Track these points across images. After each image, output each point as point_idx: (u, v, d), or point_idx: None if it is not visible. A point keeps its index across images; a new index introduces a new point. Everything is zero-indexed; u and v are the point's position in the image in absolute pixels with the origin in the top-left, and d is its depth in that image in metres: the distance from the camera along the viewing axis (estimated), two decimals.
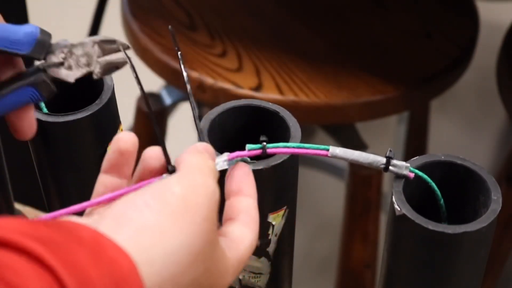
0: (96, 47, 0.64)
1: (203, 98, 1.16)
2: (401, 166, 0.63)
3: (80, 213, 0.55)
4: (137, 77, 0.62)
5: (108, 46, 0.65)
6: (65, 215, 0.53)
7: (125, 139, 0.57)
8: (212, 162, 0.56)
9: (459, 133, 2.01)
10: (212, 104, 1.04)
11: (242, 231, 0.55)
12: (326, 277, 1.63)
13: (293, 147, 0.63)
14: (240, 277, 0.71)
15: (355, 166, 1.25)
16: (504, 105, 1.22)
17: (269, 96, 1.12)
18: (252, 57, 1.19)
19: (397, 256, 0.66)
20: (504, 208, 0.62)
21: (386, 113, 1.18)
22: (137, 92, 1.35)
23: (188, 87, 0.64)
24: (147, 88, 1.45)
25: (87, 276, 0.44)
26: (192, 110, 0.61)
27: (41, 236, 0.44)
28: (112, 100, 0.70)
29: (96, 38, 0.64)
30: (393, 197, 0.62)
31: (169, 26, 0.61)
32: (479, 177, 0.64)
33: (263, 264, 0.70)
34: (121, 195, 0.54)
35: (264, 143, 0.62)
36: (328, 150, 0.63)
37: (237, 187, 0.57)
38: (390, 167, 0.63)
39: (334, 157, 0.64)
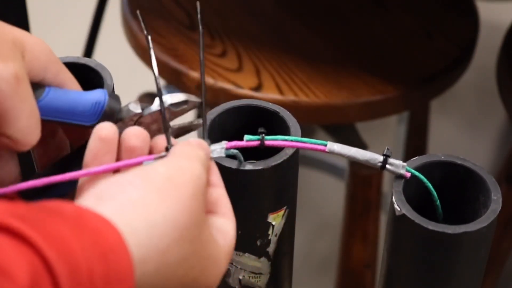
0: (167, 112, 0.60)
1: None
2: (398, 165, 0.64)
3: None
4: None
5: (179, 109, 0.61)
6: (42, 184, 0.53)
7: (104, 126, 0.55)
8: (202, 152, 0.56)
9: (459, 133, 2.01)
10: (212, 104, 1.04)
11: (224, 222, 0.55)
12: (326, 277, 1.63)
13: (291, 141, 0.63)
14: (240, 277, 0.71)
15: (355, 166, 1.25)
16: (504, 105, 1.22)
17: (269, 96, 1.12)
18: (252, 57, 1.19)
19: (397, 256, 0.66)
20: (504, 208, 0.63)
21: (386, 113, 1.18)
22: (137, 92, 1.35)
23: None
24: (147, 88, 1.45)
25: (69, 248, 0.43)
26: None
27: (20, 213, 0.44)
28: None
29: (166, 101, 0.60)
30: (393, 197, 0.62)
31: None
32: (479, 177, 0.64)
33: (263, 264, 0.70)
34: (110, 169, 0.53)
35: (263, 135, 0.62)
36: (326, 145, 0.63)
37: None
38: (387, 166, 0.63)
39: (332, 152, 0.64)
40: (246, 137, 0.63)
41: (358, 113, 1.15)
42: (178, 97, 0.60)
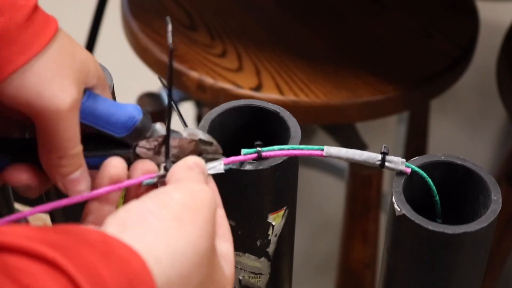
0: (192, 144, 0.62)
1: (203, 98, 1.16)
2: (397, 161, 0.64)
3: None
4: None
5: (204, 147, 0.62)
6: (47, 210, 0.55)
7: (115, 164, 0.58)
8: (202, 175, 0.57)
9: (459, 133, 2.01)
10: (212, 104, 1.04)
11: (225, 246, 0.57)
12: (326, 277, 1.63)
13: (288, 149, 0.63)
14: (240, 277, 0.71)
15: (355, 166, 1.25)
16: (504, 105, 1.22)
17: (269, 96, 1.12)
18: (252, 57, 1.19)
19: (397, 257, 0.66)
20: (504, 208, 0.63)
21: (386, 113, 1.18)
22: (137, 92, 1.35)
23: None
24: (147, 88, 1.45)
25: (99, 276, 0.44)
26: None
27: (50, 240, 0.45)
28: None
29: (196, 135, 0.62)
30: (393, 197, 0.62)
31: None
32: (479, 177, 0.64)
33: (263, 264, 0.70)
34: (113, 190, 0.56)
35: (259, 148, 0.63)
36: (323, 150, 0.64)
37: None
38: (386, 163, 0.64)
39: (329, 156, 0.64)
40: (243, 151, 0.63)
41: (358, 113, 1.15)
42: (207, 136, 0.62)
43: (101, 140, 0.61)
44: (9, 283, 0.42)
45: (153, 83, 1.56)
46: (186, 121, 0.66)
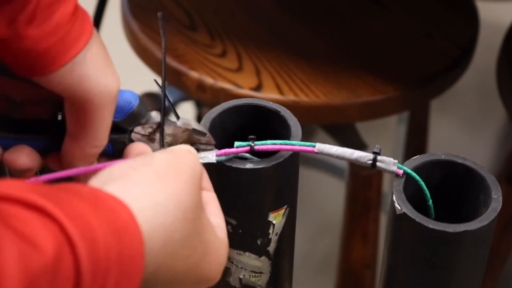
0: (186, 133, 0.64)
1: (203, 98, 1.16)
2: (389, 162, 0.64)
3: None
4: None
5: (197, 136, 0.64)
6: (51, 178, 0.56)
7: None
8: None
9: (459, 133, 2.01)
10: (212, 104, 1.04)
11: (217, 220, 0.58)
12: (326, 277, 1.63)
13: (280, 144, 0.64)
14: (241, 276, 0.71)
15: (355, 166, 1.25)
16: (504, 105, 1.22)
17: (269, 96, 1.12)
18: (252, 57, 1.19)
19: (398, 255, 0.66)
20: (504, 207, 0.63)
21: (386, 113, 1.18)
22: (137, 92, 1.35)
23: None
24: (147, 88, 1.45)
25: (88, 224, 0.46)
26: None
27: (44, 192, 0.46)
28: None
29: (190, 124, 0.64)
30: (394, 196, 0.62)
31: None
32: (479, 176, 0.64)
33: (263, 263, 0.70)
34: (105, 166, 0.56)
35: (252, 141, 0.63)
36: (314, 146, 0.64)
37: None
38: (378, 163, 0.64)
39: (321, 153, 0.64)
40: (236, 143, 0.63)
41: (358, 113, 1.15)
42: (202, 128, 0.64)
43: None
44: (2, 227, 0.43)
45: (153, 83, 1.56)
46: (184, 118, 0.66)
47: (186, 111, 1.66)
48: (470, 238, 0.61)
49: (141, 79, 1.65)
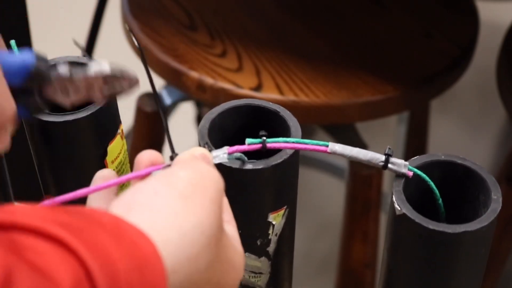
0: (100, 80, 0.60)
1: (203, 98, 1.16)
2: (400, 164, 0.64)
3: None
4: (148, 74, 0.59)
5: (115, 82, 0.60)
6: (67, 200, 0.53)
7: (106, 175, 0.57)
8: (209, 162, 0.57)
9: (459, 133, 2.01)
10: (212, 104, 1.04)
11: (231, 229, 0.56)
12: (326, 277, 1.63)
13: (293, 142, 0.63)
14: None
15: (355, 166, 1.25)
16: (504, 105, 1.22)
17: (269, 96, 1.12)
18: (252, 57, 1.19)
19: (397, 256, 0.66)
20: (504, 208, 0.63)
21: (386, 113, 1.18)
22: (137, 92, 1.35)
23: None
24: (147, 88, 1.45)
25: (109, 258, 0.44)
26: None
27: (62, 221, 0.44)
28: (112, 100, 0.70)
29: (103, 70, 0.59)
30: (393, 196, 0.62)
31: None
32: (479, 176, 0.64)
33: (263, 264, 0.70)
34: (122, 181, 0.55)
35: (264, 138, 0.62)
36: (327, 146, 0.64)
37: None
38: (389, 165, 0.63)
39: (334, 153, 0.64)
40: (248, 140, 0.63)
41: (358, 113, 1.15)
42: (119, 71, 0.59)
43: None
44: (16, 260, 0.41)
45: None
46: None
47: (186, 111, 1.66)
48: (470, 238, 0.61)
49: (141, 79, 1.66)
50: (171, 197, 0.50)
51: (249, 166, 0.63)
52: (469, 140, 1.99)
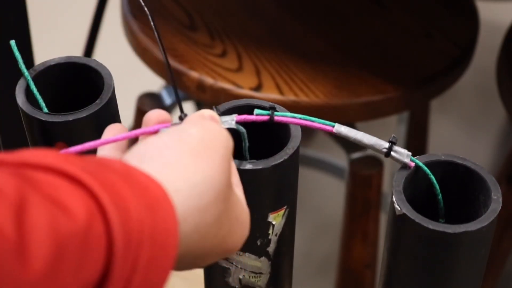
0: None
1: (203, 98, 1.16)
2: (403, 153, 0.64)
3: None
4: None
5: None
6: (79, 151, 0.54)
7: (117, 128, 0.59)
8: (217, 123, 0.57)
9: (459, 133, 2.01)
10: (212, 104, 1.04)
11: (237, 191, 0.57)
12: (326, 277, 1.63)
13: (300, 118, 0.64)
14: (240, 276, 0.71)
15: (355, 166, 1.25)
16: (504, 105, 1.22)
17: (269, 96, 1.12)
18: (252, 57, 1.19)
19: (397, 256, 0.66)
20: (504, 208, 0.63)
21: (386, 113, 1.18)
22: (137, 92, 1.35)
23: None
24: (147, 88, 1.45)
25: (121, 195, 0.45)
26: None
27: (74, 161, 0.45)
28: (112, 100, 0.70)
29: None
30: (393, 196, 0.62)
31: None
32: (479, 176, 0.64)
33: (263, 264, 0.70)
34: (130, 136, 0.56)
35: (273, 110, 0.63)
36: (333, 126, 0.64)
37: None
38: (392, 153, 0.63)
39: (339, 134, 0.64)
40: (256, 111, 0.63)
41: (358, 113, 1.15)
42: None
43: None
44: (30, 189, 0.42)
45: (153, 83, 1.56)
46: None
47: (186, 111, 1.65)
48: (470, 239, 0.61)
49: (141, 79, 1.66)
50: (182, 152, 0.51)
51: (248, 166, 0.63)
52: (469, 140, 1.99)
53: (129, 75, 1.77)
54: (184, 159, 0.50)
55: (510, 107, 1.19)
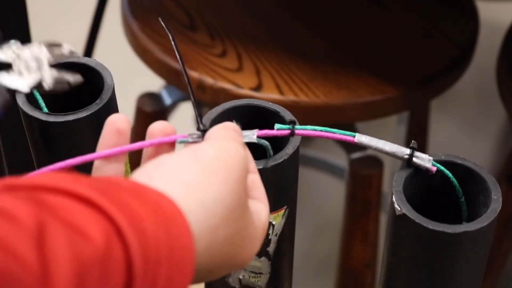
0: (44, 49, 0.59)
1: (203, 98, 1.16)
2: (425, 158, 0.64)
3: None
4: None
5: (56, 50, 0.60)
6: (76, 164, 0.55)
7: (121, 118, 0.57)
8: (240, 137, 0.57)
9: (459, 133, 2.01)
10: (212, 104, 1.04)
11: (258, 204, 0.56)
12: (326, 277, 1.63)
13: (321, 131, 0.64)
14: (240, 276, 0.71)
15: (355, 166, 1.25)
16: (504, 105, 1.22)
17: (269, 96, 1.12)
18: (252, 57, 1.19)
19: (397, 256, 0.66)
20: (504, 208, 0.63)
21: (386, 113, 1.18)
22: (137, 92, 1.35)
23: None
24: (147, 88, 1.45)
25: (135, 215, 0.44)
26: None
27: (85, 182, 0.45)
28: (112, 100, 0.70)
29: (43, 42, 0.60)
30: (393, 197, 0.62)
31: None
32: (479, 176, 0.64)
33: (263, 264, 0.70)
34: (137, 148, 0.55)
35: (293, 124, 0.63)
36: (354, 136, 0.64)
37: None
38: (414, 159, 0.64)
39: (360, 143, 0.64)
40: (277, 126, 0.64)
41: (358, 113, 1.15)
42: (53, 40, 0.60)
43: None
44: (47, 215, 0.42)
45: (153, 83, 1.56)
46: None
47: (186, 111, 1.66)
48: (470, 239, 0.61)
49: (141, 79, 1.66)
50: (195, 170, 0.50)
51: None
52: (469, 140, 1.99)
53: (129, 75, 1.77)
54: (197, 178, 0.50)
55: (510, 107, 1.19)
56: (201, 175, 0.50)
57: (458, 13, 1.28)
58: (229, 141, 0.55)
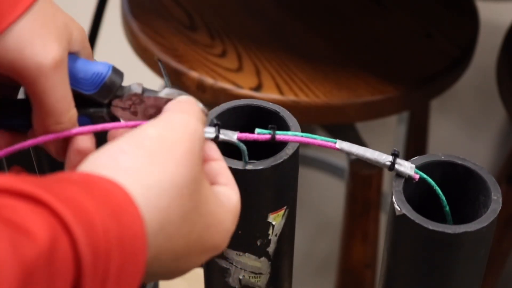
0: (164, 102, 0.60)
1: (203, 98, 1.16)
2: (407, 166, 0.63)
3: None
4: None
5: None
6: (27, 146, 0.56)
7: (81, 138, 0.58)
8: (197, 107, 0.56)
9: (459, 133, 2.01)
10: (212, 104, 1.04)
11: (226, 189, 0.56)
12: (326, 277, 1.63)
13: (301, 136, 0.63)
14: (240, 277, 0.71)
15: (355, 166, 1.25)
16: (504, 105, 1.22)
17: (269, 96, 1.12)
18: (252, 57, 1.19)
19: (397, 256, 0.66)
20: (504, 208, 0.62)
21: (386, 113, 1.18)
22: None
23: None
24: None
25: (82, 207, 0.44)
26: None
27: (30, 180, 0.44)
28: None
29: (173, 94, 0.60)
30: (393, 197, 0.62)
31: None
32: (479, 177, 0.64)
33: (263, 264, 0.70)
34: (97, 129, 0.56)
35: (274, 129, 0.63)
36: (335, 142, 0.64)
37: (203, 155, 0.56)
38: (396, 166, 0.63)
39: (341, 150, 0.64)
40: (257, 130, 0.63)
41: (358, 113, 1.15)
42: (183, 93, 0.60)
43: (75, 99, 0.60)
44: None
45: (153, 83, 1.56)
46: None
47: None
48: (470, 239, 0.61)
49: (141, 79, 1.66)
50: (137, 156, 0.50)
51: (249, 166, 0.63)
52: (469, 140, 1.99)
53: (129, 75, 1.77)
54: (140, 162, 0.49)
55: (510, 107, 1.19)
56: (144, 158, 0.49)
57: (458, 13, 1.28)
58: (175, 113, 0.54)
